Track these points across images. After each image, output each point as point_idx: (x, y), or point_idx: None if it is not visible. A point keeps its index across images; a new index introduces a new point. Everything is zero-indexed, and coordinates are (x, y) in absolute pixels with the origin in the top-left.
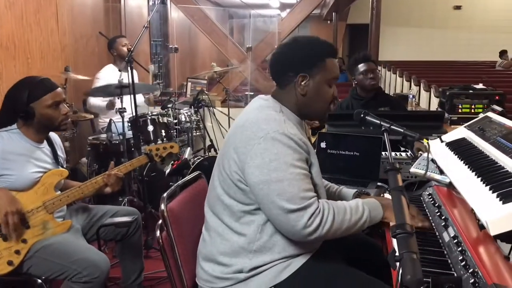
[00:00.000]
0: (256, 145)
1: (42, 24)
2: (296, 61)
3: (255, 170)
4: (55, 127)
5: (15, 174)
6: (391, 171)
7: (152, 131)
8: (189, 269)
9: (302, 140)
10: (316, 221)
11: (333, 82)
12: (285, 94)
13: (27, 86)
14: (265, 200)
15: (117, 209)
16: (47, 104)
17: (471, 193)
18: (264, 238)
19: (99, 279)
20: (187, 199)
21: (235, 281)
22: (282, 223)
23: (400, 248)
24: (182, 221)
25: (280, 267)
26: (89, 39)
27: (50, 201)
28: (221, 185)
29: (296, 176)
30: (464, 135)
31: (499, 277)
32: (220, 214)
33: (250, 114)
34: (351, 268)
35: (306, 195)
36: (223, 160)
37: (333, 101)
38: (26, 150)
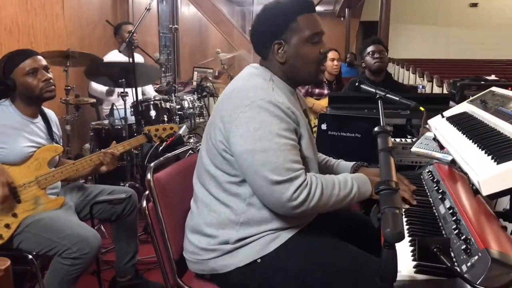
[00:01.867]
0: (241, 113)
1: (47, 8)
2: (267, 30)
3: (240, 139)
4: (37, 96)
5: (7, 148)
6: (381, 133)
7: (154, 116)
8: (176, 242)
9: (291, 109)
10: (303, 195)
11: (317, 38)
12: (269, 64)
13: (4, 58)
14: (249, 170)
15: (113, 188)
16: (25, 72)
17: (467, 159)
18: (252, 210)
19: (89, 255)
20: (177, 171)
21: (221, 252)
22: (266, 195)
23: (383, 203)
24: (170, 192)
25: (268, 239)
26: (96, 26)
27: (43, 176)
28: (207, 154)
29: (281, 146)
30: (465, 109)
31: (491, 242)
32: (207, 185)
33: (239, 82)
34: (341, 242)
35: (293, 166)
36: (210, 129)
37: (322, 60)
38: (18, 123)
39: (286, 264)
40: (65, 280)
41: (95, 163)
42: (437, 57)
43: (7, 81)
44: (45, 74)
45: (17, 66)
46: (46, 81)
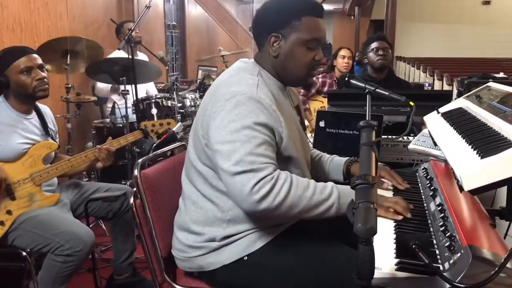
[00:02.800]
0: (220, 107)
1: (51, 7)
2: (269, 21)
3: (214, 132)
4: (30, 94)
5: (0, 144)
6: (365, 128)
7: (155, 114)
8: (165, 240)
9: (272, 107)
10: (266, 188)
11: (315, 45)
12: (261, 56)
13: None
14: (216, 161)
15: (109, 186)
16: (19, 70)
17: (453, 153)
18: (239, 208)
19: (82, 252)
20: (166, 168)
21: (207, 250)
22: (230, 188)
23: (357, 198)
24: (159, 189)
25: (254, 237)
26: (100, 26)
27: (38, 173)
28: (194, 150)
29: (250, 139)
30: (460, 104)
31: (475, 239)
32: (194, 181)
33: (225, 76)
34: (331, 240)
35: (257, 159)
36: (196, 124)
37: (314, 67)
38: (12, 120)
39: (273, 262)
40: (58, 277)
41: (91, 159)
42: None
43: (1, 78)
44: (39, 73)
45: (11, 63)
46: (40, 80)
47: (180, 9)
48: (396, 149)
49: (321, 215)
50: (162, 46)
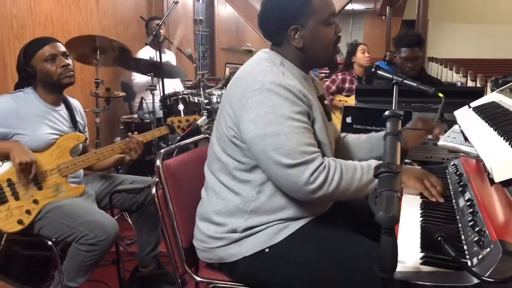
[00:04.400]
0: (250, 98)
1: (82, 4)
2: (281, 16)
3: (250, 124)
4: (55, 82)
5: (28, 134)
6: (392, 117)
7: (182, 110)
8: (186, 230)
9: (302, 92)
10: (321, 178)
11: (331, 19)
12: (283, 50)
13: (24, 46)
14: (262, 156)
15: (134, 178)
16: (43, 58)
17: (485, 146)
18: (262, 199)
19: (106, 241)
20: (189, 159)
21: (228, 241)
22: (281, 180)
23: (380, 186)
24: (180, 180)
25: (276, 229)
26: (130, 23)
27: (65, 164)
28: (218, 142)
29: (294, 130)
30: (493, 98)
31: (506, 234)
32: (217, 172)
33: (248, 67)
34: (352, 234)
35: (307, 149)
36: (220, 116)
37: (337, 41)
38: (40, 111)
39: (294, 254)
40: (82, 266)
41: (117, 153)
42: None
43: (28, 68)
44: (63, 60)
45: (36, 52)
46: (64, 67)
47: (210, 7)
48: (426, 147)
49: (369, 192)
50: (191, 44)
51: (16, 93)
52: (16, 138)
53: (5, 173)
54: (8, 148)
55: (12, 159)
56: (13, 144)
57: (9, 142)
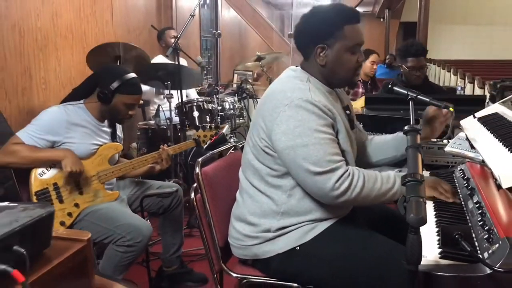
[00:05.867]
0: (281, 112)
1: (98, 15)
2: (313, 33)
3: (281, 136)
4: (116, 119)
5: (76, 143)
6: (411, 132)
7: (197, 117)
8: (221, 230)
9: (327, 107)
10: (345, 184)
11: (357, 49)
12: (309, 65)
13: (120, 78)
14: (292, 164)
15: (161, 183)
16: (127, 103)
17: (492, 156)
18: (292, 202)
19: (141, 243)
20: (222, 166)
21: (263, 239)
22: (309, 186)
23: (408, 193)
24: (216, 185)
25: (306, 229)
26: (141, 31)
27: (104, 172)
28: (251, 151)
29: (320, 141)
30: (497, 110)
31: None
32: (251, 177)
33: (278, 84)
34: (374, 233)
35: (333, 158)
36: (253, 128)
37: (358, 68)
38: (88, 123)
39: (323, 251)
40: (119, 266)
41: (149, 163)
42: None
43: (108, 94)
44: (135, 111)
45: (126, 94)
46: (131, 116)
47: (214, 13)
48: (431, 151)
49: (388, 200)
50: (198, 50)
51: (67, 106)
52: (64, 146)
53: (52, 178)
54: (60, 156)
55: (64, 166)
56: (66, 153)
57: (62, 150)
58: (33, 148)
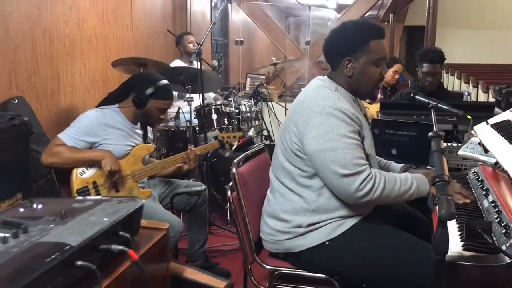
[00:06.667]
0: (313, 119)
1: (119, 20)
2: (342, 46)
3: (312, 140)
4: (148, 123)
5: (112, 144)
6: (435, 137)
7: (215, 120)
8: (254, 225)
9: (355, 115)
10: (368, 186)
11: (381, 62)
12: (337, 75)
13: (155, 84)
14: (321, 166)
15: (188, 182)
16: (160, 107)
17: (507, 159)
18: (322, 200)
19: (174, 239)
20: (253, 167)
21: (294, 234)
22: (336, 187)
23: (438, 192)
24: (249, 184)
25: (335, 225)
26: (159, 36)
27: (138, 171)
28: (283, 153)
29: (348, 145)
30: (508, 117)
31: None
32: (282, 178)
33: (309, 93)
34: (397, 229)
35: (359, 162)
36: (285, 133)
37: (380, 80)
38: (123, 126)
39: (351, 245)
40: None
41: (178, 162)
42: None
43: (145, 101)
44: (166, 115)
45: (160, 100)
46: (162, 120)
47: (224, 17)
48: None
49: (405, 200)
50: (209, 53)
51: (104, 109)
52: (102, 147)
53: (91, 177)
54: (100, 156)
55: (104, 165)
56: (105, 153)
57: (101, 151)
58: (74, 149)
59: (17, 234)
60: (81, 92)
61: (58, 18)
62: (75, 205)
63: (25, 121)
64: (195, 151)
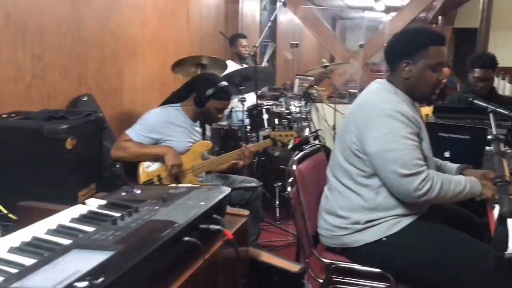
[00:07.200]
0: (374, 121)
1: (176, 23)
2: (401, 49)
3: (373, 142)
4: (207, 121)
5: (175, 140)
6: (494, 140)
7: (266, 119)
8: (311, 221)
9: (414, 117)
10: (426, 186)
11: (439, 68)
12: (395, 78)
13: (215, 85)
14: (381, 167)
15: (243, 178)
16: (218, 107)
17: None
18: (380, 199)
19: None
20: (311, 165)
21: (352, 230)
22: (395, 186)
23: (500, 191)
24: (307, 181)
25: (392, 223)
26: (211, 38)
27: (197, 165)
28: (341, 153)
29: (408, 147)
30: None
31: None
32: (340, 177)
33: (369, 95)
34: (452, 228)
35: (418, 162)
36: (344, 134)
37: (438, 85)
38: (184, 124)
39: (408, 243)
40: None
41: (234, 159)
42: None
43: (205, 101)
44: (223, 114)
45: (218, 100)
46: (220, 119)
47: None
48: None
49: (460, 200)
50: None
51: (167, 108)
52: (165, 143)
53: (156, 170)
54: (164, 152)
55: (167, 160)
56: (168, 149)
57: (164, 146)
58: (140, 144)
59: (131, 213)
60: (142, 90)
61: (123, 20)
62: (172, 191)
63: (100, 117)
64: (250, 148)
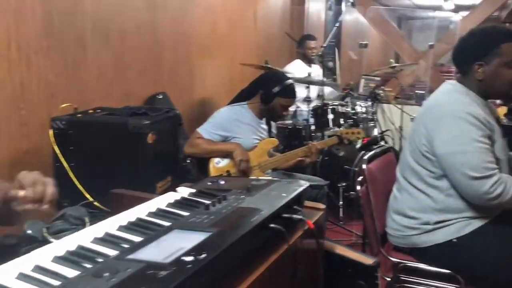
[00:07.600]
0: (444, 122)
1: (244, 24)
2: (472, 51)
3: (443, 143)
4: (273, 118)
5: (242, 138)
6: None
7: (332, 119)
8: (380, 220)
9: (486, 119)
10: (498, 190)
11: None
12: (467, 80)
13: (281, 83)
14: (451, 169)
15: (308, 177)
16: (284, 105)
17: None
18: (450, 200)
19: None
20: (380, 165)
21: (422, 231)
22: (465, 189)
23: None
24: (376, 180)
25: (462, 224)
26: (276, 38)
27: (264, 162)
28: (411, 155)
29: (479, 149)
30: None
31: None
32: (410, 178)
33: (440, 97)
34: None
35: (488, 165)
36: (414, 135)
37: None
38: (251, 121)
39: (479, 245)
40: None
41: (300, 156)
42: None
43: (271, 98)
44: (288, 112)
45: (284, 98)
46: (284, 116)
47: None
48: None
49: None
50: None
51: (235, 107)
52: (233, 141)
53: (225, 166)
54: (232, 148)
55: (235, 156)
56: (236, 146)
57: (233, 143)
58: (210, 141)
59: (220, 200)
60: (211, 88)
61: (195, 20)
62: (254, 183)
63: (178, 114)
64: (316, 146)
